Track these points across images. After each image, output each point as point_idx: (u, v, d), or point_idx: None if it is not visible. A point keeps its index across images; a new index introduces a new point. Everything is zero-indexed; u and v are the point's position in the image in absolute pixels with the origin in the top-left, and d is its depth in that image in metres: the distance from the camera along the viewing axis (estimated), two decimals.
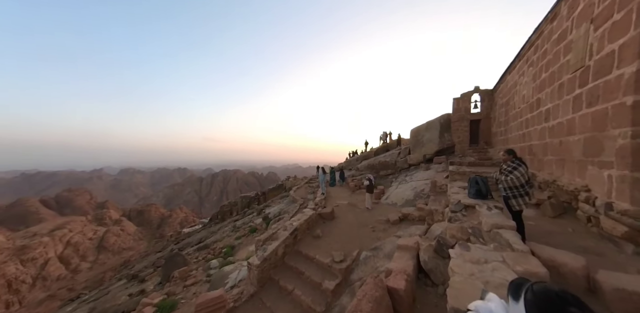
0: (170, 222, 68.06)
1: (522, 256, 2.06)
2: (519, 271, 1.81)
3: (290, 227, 6.51)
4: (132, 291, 9.76)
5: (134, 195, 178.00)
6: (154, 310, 6.69)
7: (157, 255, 15.79)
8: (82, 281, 38.58)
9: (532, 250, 2.25)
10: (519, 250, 2.18)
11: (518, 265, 1.89)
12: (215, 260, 9.63)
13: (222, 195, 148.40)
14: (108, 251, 51.28)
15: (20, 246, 43.56)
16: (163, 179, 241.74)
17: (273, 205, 19.99)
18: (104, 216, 63.45)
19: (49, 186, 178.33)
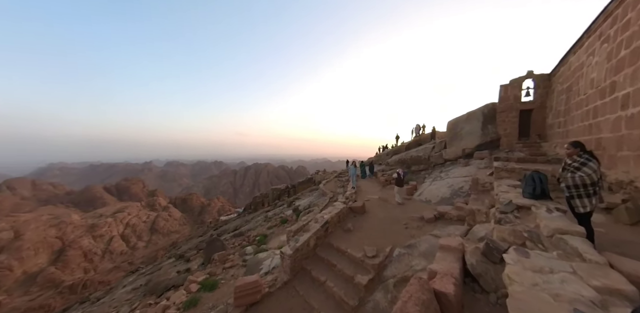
0: (209, 210, 74.26)
1: (597, 268, 1.75)
2: (598, 286, 1.53)
3: (321, 219, 6.57)
4: (180, 269, 10.88)
5: (178, 185, 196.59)
6: (198, 287, 7.37)
7: (199, 239, 17.40)
8: (139, 257, 44.56)
9: (610, 262, 1.91)
10: (592, 260, 1.86)
11: (594, 278, 1.60)
12: (250, 247, 10.22)
13: (254, 187, 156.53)
14: (159, 233, 58.10)
15: (91, 224, 51.37)
16: (202, 171, 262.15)
17: (303, 198, 20.47)
18: (155, 203, 71.41)
19: (110, 176, 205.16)
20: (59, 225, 47.37)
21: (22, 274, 37.01)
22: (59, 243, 44.44)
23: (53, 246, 43.51)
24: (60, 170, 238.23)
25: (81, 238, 46.09)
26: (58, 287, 32.59)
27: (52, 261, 41.25)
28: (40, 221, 46.99)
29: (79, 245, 44.35)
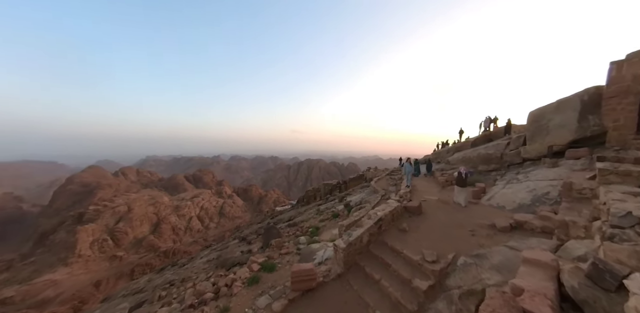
0: (267, 200, 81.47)
1: None
2: None
3: (374, 216, 6.45)
4: (243, 249, 12.30)
5: (240, 177, 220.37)
6: (259, 267, 8.21)
7: (258, 225, 19.38)
8: (211, 235, 52.68)
9: None
10: None
11: None
12: (303, 237, 10.78)
13: (307, 182, 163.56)
14: (226, 217, 67.14)
15: (176, 205, 62.46)
16: (260, 165, 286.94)
17: (354, 194, 20.43)
18: (222, 191, 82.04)
19: (189, 167, 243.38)
20: (155, 204, 59.16)
21: (133, 238, 48.04)
22: (155, 218, 55.73)
23: (152, 220, 54.87)
24: (154, 162, 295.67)
25: (170, 216, 56.80)
26: (156, 252, 41.17)
27: (152, 231, 52.19)
28: (143, 200, 59.47)
29: (168, 221, 54.87)
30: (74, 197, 73.88)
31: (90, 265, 38.84)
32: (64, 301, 25.96)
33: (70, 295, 27.92)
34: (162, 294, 9.22)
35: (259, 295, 6.01)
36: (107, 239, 45.19)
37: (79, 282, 32.62)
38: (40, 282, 31.49)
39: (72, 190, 75.39)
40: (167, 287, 9.90)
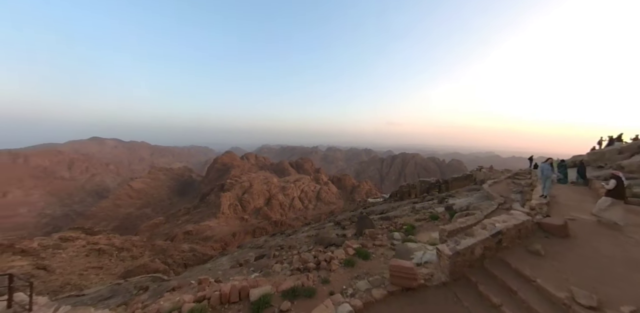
0: (359, 191, 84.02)
1: None
2: None
3: (491, 227, 5.58)
4: (338, 233, 13.50)
5: (335, 167, 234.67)
6: (353, 252, 8.85)
7: (351, 213, 20.54)
8: (309, 215, 60.33)
9: None
10: None
11: None
12: (397, 233, 10.63)
13: (400, 176, 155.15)
14: (322, 201, 74.59)
15: (282, 186, 74.43)
16: (354, 157, 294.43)
17: (458, 197, 17.94)
18: (319, 178, 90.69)
19: (292, 155, 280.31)
20: (267, 183, 72.78)
21: (254, 207, 61.84)
22: (268, 194, 68.89)
23: (265, 195, 68.28)
24: (267, 149, 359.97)
25: (278, 194, 68.79)
26: (269, 220, 51.59)
27: (265, 204, 65.28)
28: (260, 179, 74.32)
29: (277, 198, 66.71)
30: (218, 172, 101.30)
31: (229, 220, 53.63)
32: (216, 240, 37.46)
33: (219, 237, 39.95)
34: (276, 254, 11.55)
35: (355, 278, 6.55)
36: (237, 205, 60.57)
37: (223, 231, 45.86)
38: (204, 225, 46.73)
39: (216, 168, 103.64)
40: (279, 249, 12.30)
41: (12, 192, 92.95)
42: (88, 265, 20.35)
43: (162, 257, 22.35)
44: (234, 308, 5.49)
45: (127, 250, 24.21)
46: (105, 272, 19.67)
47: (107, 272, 19.49)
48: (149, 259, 21.11)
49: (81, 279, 16.97)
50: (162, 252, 25.18)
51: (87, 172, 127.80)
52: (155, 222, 57.84)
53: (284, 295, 5.74)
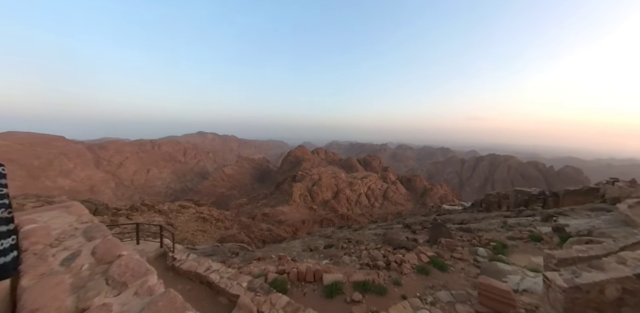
0: (431, 194, 76.64)
1: None
2: None
3: (634, 263, 4.28)
4: (407, 236, 12.87)
5: (405, 166, 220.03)
6: (428, 259, 8.31)
7: (422, 217, 19.08)
8: (375, 214, 59.47)
9: None
10: None
11: None
12: (483, 250, 9.33)
13: (487, 183, 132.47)
14: (389, 201, 72.00)
15: (349, 182, 75.24)
16: (427, 156, 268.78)
17: (573, 216, 14.10)
18: (387, 176, 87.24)
19: (360, 151, 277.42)
20: (335, 178, 75.01)
21: (322, 199, 65.30)
22: (335, 188, 71.16)
23: (333, 189, 70.78)
24: (336, 145, 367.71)
25: (345, 189, 70.16)
26: (335, 213, 53.61)
27: (333, 197, 67.84)
28: (328, 173, 77.25)
29: (344, 192, 68.21)
30: (291, 165, 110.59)
31: (299, 208, 58.73)
32: (288, 225, 41.85)
33: (290, 222, 44.39)
34: (344, 245, 12.00)
35: (430, 287, 6.21)
36: (307, 195, 65.22)
37: (294, 217, 50.62)
38: (278, 209, 52.85)
39: (290, 160, 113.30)
40: (347, 242, 12.71)
41: (152, 169, 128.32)
42: (196, 228, 26.25)
43: (246, 232, 26.54)
44: (309, 287, 6.15)
45: (221, 221, 29.87)
46: (207, 235, 24.92)
47: (208, 236, 24.63)
48: (237, 231, 25.47)
49: (193, 237, 22.08)
50: (246, 227, 29.90)
51: (195, 158, 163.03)
52: (240, 202, 69.09)
53: (355, 286, 6.03)
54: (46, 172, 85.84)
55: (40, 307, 1.53)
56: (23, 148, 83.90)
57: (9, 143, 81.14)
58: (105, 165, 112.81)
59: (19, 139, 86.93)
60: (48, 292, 1.67)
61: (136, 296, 1.75)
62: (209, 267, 5.34)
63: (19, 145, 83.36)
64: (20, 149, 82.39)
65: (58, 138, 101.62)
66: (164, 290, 1.80)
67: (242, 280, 4.75)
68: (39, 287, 1.72)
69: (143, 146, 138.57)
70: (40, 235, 2.49)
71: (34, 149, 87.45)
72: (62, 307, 1.59)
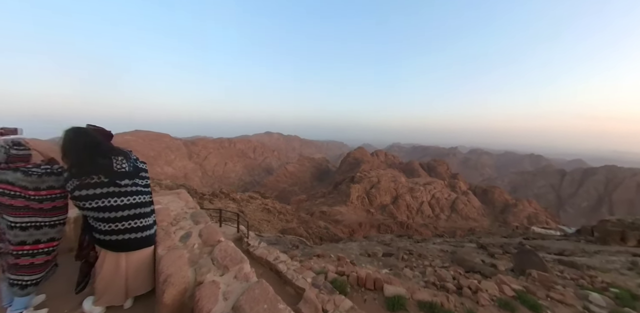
0: (515, 212, 63.93)
1: None
2: None
3: None
4: (483, 259, 11.07)
5: (479, 174, 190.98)
6: (513, 293, 6.93)
7: (503, 239, 16.07)
8: (441, 226, 53.57)
9: None
10: None
11: None
12: (599, 296, 7.18)
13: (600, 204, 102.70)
14: (458, 214, 63.89)
15: (410, 187, 70.13)
16: (510, 164, 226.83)
17: None
18: (455, 185, 77.46)
19: (424, 155, 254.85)
20: (395, 182, 71.13)
21: (380, 203, 63.12)
22: (395, 193, 67.60)
23: (392, 193, 67.41)
24: (397, 148, 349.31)
25: (405, 194, 65.75)
26: (394, 219, 50.84)
27: (391, 202, 64.60)
28: (387, 176, 73.84)
29: (404, 198, 64.02)
30: (350, 166, 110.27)
31: (357, 210, 58.16)
32: (345, 225, 41.97)
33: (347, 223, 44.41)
34: (404, 257, 11.19)
35: None
36: (364, 197, 64.01)
37: (351, 218, 50.40)
38: (335, 209, 53.59)
39: (348, 161, 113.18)
40: (408, 254, 11.82)
41: (228, 163, 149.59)
42: (262, 217, 29.09)
43: (305, 227, 27.90)
44: (369, 295, 5.95)
45: (283, 214, 32.25)
46: (270, 225, 27.32)
47: (271, 226, 26.95)
48: (297, 225, 27.06)
49: (259, 225, 24.55)
50: (305, 223, 31.45)
51: (262, 155, 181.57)
52: (300, 198, 73.12)
53: (420, 306, 5.53)
54: (157, 161, 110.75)
55: (172, 273, 1.90)
56: (143, 142, 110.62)
57: (135, 138, 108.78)
58: (195, 157, 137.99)
59: (141, 135, 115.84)
60: (175, 262, 2.06)
61: (236, 279, 1.98)
62: (277, 256, 5.80)
63: (141, 140, 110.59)
64: (142, 143, 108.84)
65: (165, 135, 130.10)
66: (257, 279, 1.99)
67: (306, 275, 4.96)
68: (169, 257, 2.14)
69: (222, 143, 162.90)
70: (164, 215, 3.14)
71: (150, 143, 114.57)
72: (185, 276, 1.93)
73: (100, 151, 1.87)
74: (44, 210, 1.90)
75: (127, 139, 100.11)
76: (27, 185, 1.84)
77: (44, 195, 1.88)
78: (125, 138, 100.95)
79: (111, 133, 2.13)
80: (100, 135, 1.98)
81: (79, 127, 1.88)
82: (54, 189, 1.93)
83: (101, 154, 1.86)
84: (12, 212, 1.82)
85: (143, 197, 2.01)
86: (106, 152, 1.89)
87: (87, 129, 1.93)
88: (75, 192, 1.79)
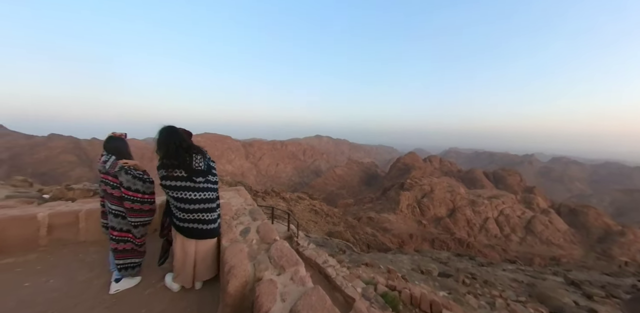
0: (623, 242, 49.11)
1: None
2: None
3: None
4: (576, 300, 8.82)
5: (566, 189, 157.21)
6: None
7: (605, 277, 12.42)
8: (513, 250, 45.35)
9: None
10: None
11: None
12: None
13: None
14: (536, 237, 53.22)
15: (471, 200, 62.00)
16: (611, 178, 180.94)
17: None
18: (532, 201, 65.19)
19: (490, 163, 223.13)
20: (452, 192, 63.93)
21: (434, 215, 57.60)
22: (452, 204, 60.62)
23: (448, 205, 60.66)
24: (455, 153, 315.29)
25: (465, 208, 58.26)
26: (451, 235, 45.02)
27: (448, 215, 57.89)
28: (442, 185, 66.96)
29: (463, 212, 56.70)
30: (399, 171, 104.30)
31: (407, 220, 54.14)
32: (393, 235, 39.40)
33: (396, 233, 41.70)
34: (466, 281, 9.74)
35: None
36: (415, 207, 59.11)
37: (400, 228, 47.17)
38: (383, 216, 51.01)
39: (398, 167, 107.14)
40: (470, 278, 10.26)
41: (280, 164, 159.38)
42: (309, 218, 29.72)
43: (352, 232, 27.34)
44: None
45: (330, 217, 32.34)
46: (317, 226, 27.67)
47: (318, 227, 27.26)
48: (343, 229, 26.71)
49: (306, 225, 25.10)
50: (352, 227, 30.85)
51: (311, 158, 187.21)
52: (347, 202, 72.34)
53: None
54: (220, 160, 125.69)
55: (234, 265, 1.99)
56: (210, 143, 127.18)
57: (204, 139, 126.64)
58: (251, 158, 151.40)
59: (209, 137, 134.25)
60: (237, 255, 2.16)
61: (292, 281, 1.93)
62: (326, 260, 5.70)
63: (208, 141, 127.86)
64: (209, 143, 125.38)
65: (227, 137, 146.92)
66: (312, 285, 1.90)
67: (355, 284, 4.72)
68: (232, 249, 2.26)
69: (275, 145, 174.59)
70: (227, 209, 3.35)
71: (215, 143, 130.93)
72: (246, 270, 1.99)
73: (185, 148, 2.12)
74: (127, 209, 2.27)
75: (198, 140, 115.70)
76: (124, 182, 2.21)
77: (129, 195, 2.23)
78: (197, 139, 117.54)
79: (191, 133, 2.42)
80: (184, 134, 2.27)
81: (172, 126, 2.18)
82: (138, 193, 2.26)
83: (185, 150, 2.12)
84: (112, 200, 2.25)
85: (211, 193, 2.23)
86: (188, 150, 2.14)
87: (177, 128, 2.21)
88: (163, 181, 2.11)
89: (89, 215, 3.23)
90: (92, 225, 3.21)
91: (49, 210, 3.14)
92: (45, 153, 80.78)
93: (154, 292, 2.28)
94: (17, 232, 2.90)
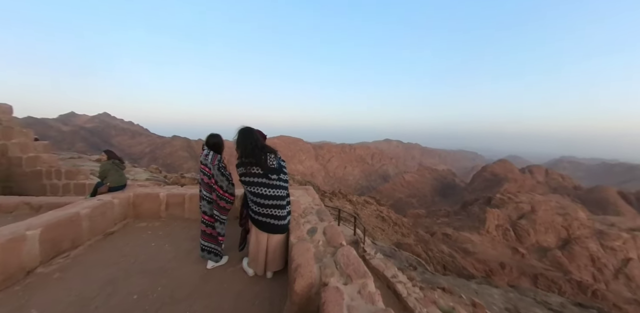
0: None
1: None
2: None
3: None
4: None
5: None
6: None
7: None
8: None
9: None
10: None
11: None
12: None
13: None
14: None
15: (599, 230, 46.06)
16: None
17: None
18: None
19: (630, 179, 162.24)
20: (564, 216, 49.29)
21: (536, 243, 45.14)
22: (565, 233, 46.47)
23: (559, 232, 46.77)
24: (569, 164, 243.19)
25: (588, 239, 43.42)
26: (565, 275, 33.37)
27: (559, 246, 44.22)
28: (550, 206, 52.45)
29: (585, 245, 42.03)
30: (486, 183, 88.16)
31: (495, 244, 44.28)
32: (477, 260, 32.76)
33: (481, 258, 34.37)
34: None
35: None
36: (509, 229, 47.94)
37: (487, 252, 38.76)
38: (464, 235, 43.57)
39: (484, 177, 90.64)
40: None
41: (347, 167, 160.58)
42: (376, 224, 28.41)
43: (424, 247, 24.58)
44: None
45: (399, 226, 30.12)
46: (384, 234, 26.17)
47: (385, 235, 25.73)
48: (414, 243, 24.30)
49: (373, 231, 24.08)
50: (424, 242, 27.76)
51: (380, 162, 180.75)
52: (418, 212, 65.91)
53: None
54: (292, 160, 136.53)
55: (301, 263, 1.97)
56: (284, 144, 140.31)
57: (279, 141, 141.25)
58: (320, 159, 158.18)
59: (283, 139, 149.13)
60: (304, 254, 2.12)
61: (360, 296, 1.74)
62: (395, 274, 5.16)
63: (283, 143, 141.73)
64: (283, 145, 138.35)
65: (299, 140, 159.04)
66: (383, 306, 1.64)
67: (431, 311, 4.04)
68: (299, 247, 2.25)
69: (344, 148, 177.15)
70: (296, 207, 3.40)
71: (288, 145, 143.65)
72: (312, 271, 1.93)
73: (260, 148, 2.36)
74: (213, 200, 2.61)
75: (274, 142, 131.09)
76: (214, 175, 2.55)
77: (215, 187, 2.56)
78: (273, 141, 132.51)
79: (266, 135, 2.68)
80: (259, 135, 2.51)
81: (249, 127, 2.46)
82: (221, 189, 2.57)
83: (261, 150, 2.35)
84: (206, 188, 2.60)
85: (282, 191, 2.40)
86: (263, 149, 2.37)
87: (253, 129, 2.48)
88: (242, 178, 2.38)
89: (192, 198, 4.06)
90: (194, 206, 4.00)
91: (167, 191, 4.09)
92: (169, 149, 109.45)
93: (234, 272, 2.61)
94: (148, 205, 4.06)
